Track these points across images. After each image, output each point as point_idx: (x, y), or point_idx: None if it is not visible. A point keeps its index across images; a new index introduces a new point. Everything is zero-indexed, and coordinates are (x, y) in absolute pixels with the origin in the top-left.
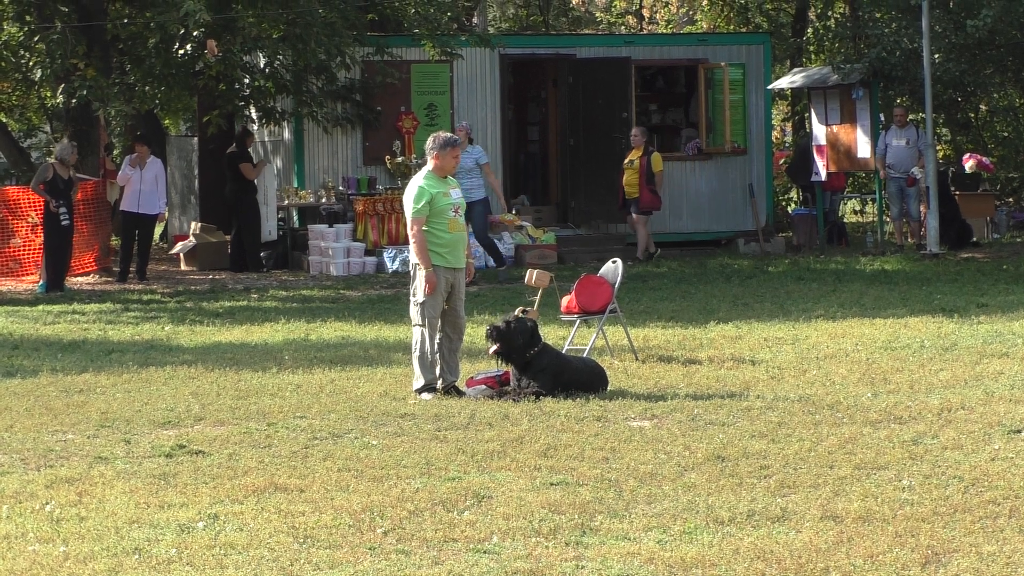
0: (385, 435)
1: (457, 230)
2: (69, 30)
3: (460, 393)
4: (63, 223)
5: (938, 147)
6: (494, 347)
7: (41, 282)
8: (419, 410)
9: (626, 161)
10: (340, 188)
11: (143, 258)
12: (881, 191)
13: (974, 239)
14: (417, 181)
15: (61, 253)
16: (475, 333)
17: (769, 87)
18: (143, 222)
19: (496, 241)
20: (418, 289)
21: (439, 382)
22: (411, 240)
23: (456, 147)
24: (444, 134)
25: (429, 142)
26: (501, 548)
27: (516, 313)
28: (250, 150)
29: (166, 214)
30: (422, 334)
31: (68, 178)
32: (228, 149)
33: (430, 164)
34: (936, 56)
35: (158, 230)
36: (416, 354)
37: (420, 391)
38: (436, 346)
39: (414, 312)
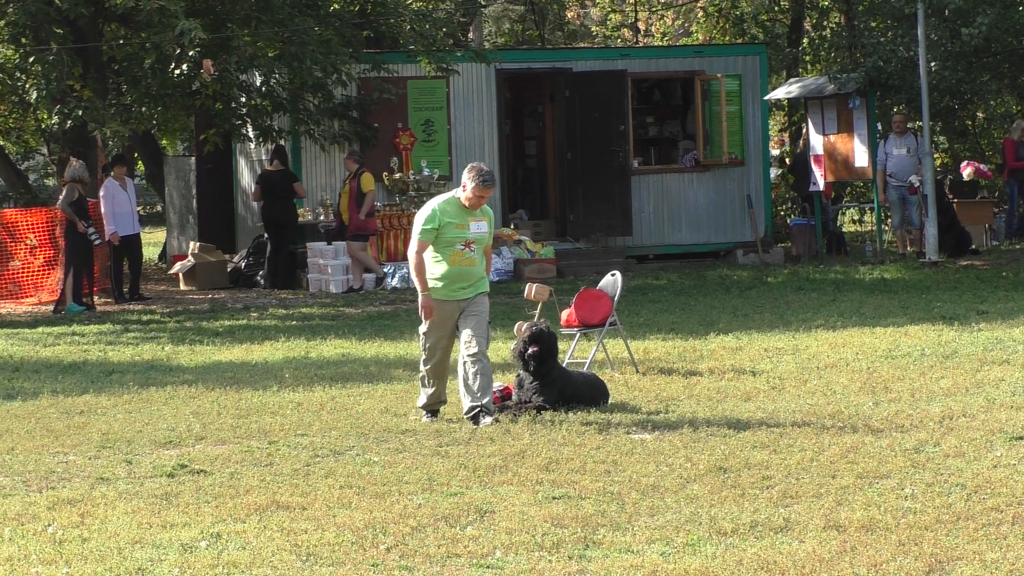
0: (387, 451)
1: (461, 264)
2: (65, 52)
3: (483, 416)
4: (95, 242)
5: (936, 155)
6: (533, 348)
7: (70, 304)
8: (420, 426)
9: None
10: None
11: (136, 277)
12: (879, 200)
13: (973, 246)
14: (433, 203)
15: (88, 271)
16: None
17: (766, 98)
18: (132, 242)
19: (494, 255)
20: (422, 314)
21: (439, 405)
22: (409, 260)
23: (487, 188)
24: (481, 168)
25: (466, 170)
26: (504, 563)
27: (525, 327)
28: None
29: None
30: (423, 362)
31: (86, 197)
32: (273, 168)
33: (459, 190)
34: (932, 64)
35: (153, 251)
36: (420, 375)
37: (421, 408)
38: (437, 373)
39: (420, 340)
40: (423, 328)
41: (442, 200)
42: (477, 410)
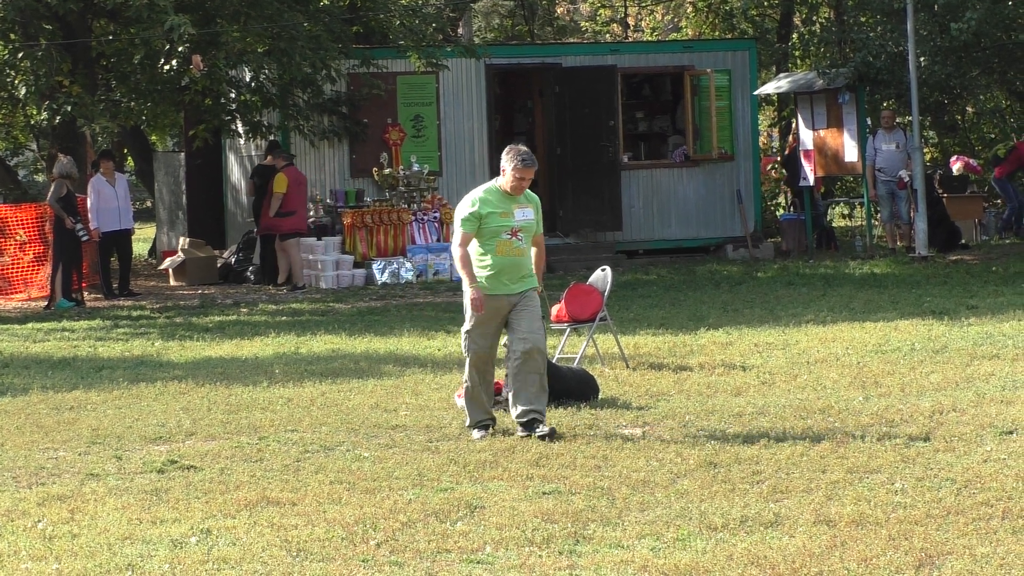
0: (377, 447)
1: (509, 254)
2: (53, 47)
3: (539, 425)
4: (83, 239)
5: (925, 150)
6: None
7: (60, 299)
8: (410, 421)
9: None
10: (328, 201)
11: (126, 273)
12: (869, 195)
13: (963, 241)
14: (473, 193)
15: (78, 267)
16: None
17: (755, 93)
18: (121, 238)
19: None
20: (466, 312)
21: (489, 420)
22: (453, 255)
23: (527, 168)
24: (520, 148)
25: (504, 153)
26: (494, 558)
27: None
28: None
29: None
30: (468, 368)
31: (74, 193)
32: (265, 162)
33: (500, 178)
34: (922, 59)
35: (143, 247)
36: (463, 387)
37: (469, 428)
38: (484, 380)
39: (462, 341)
40: (467, 326)
41: (483, 189)
42: (533, 416)
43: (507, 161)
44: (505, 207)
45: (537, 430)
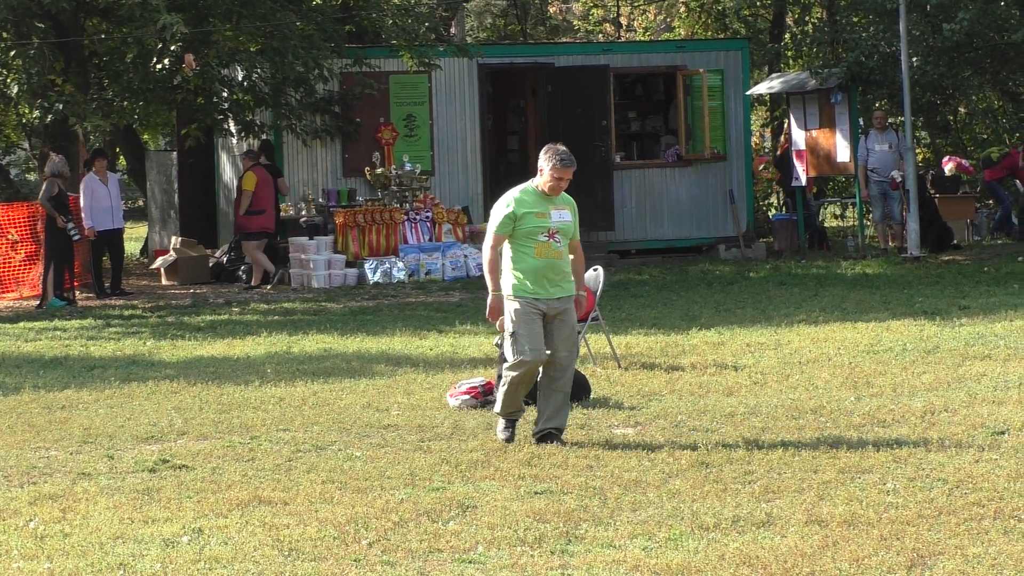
0: (369, 447)
1: (548, 256)
2: (46, 46)
3: (552, 439)
4: (74, 238)
5: (917, 150)
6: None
7: (52, 299)
8: (402, 421)
9: None
10: (320, 200)
11: (118, 272)
12: (861, 195)
13: (954, 242)
14: (509, 194)
15: (69, 267)
16: (456, 343)
17: (748, 93)
18: (113, 237)
19: (476, 250)
20: (507, 315)
21: (518, 415)
22: (483, 256)
23: (566, 168)
24: (558, 148)
25: (542, 152)
26: (486, 558)
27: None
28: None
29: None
30: (514, 370)
31: (66, 192)
32: (260, 162)
33: (537, 178)
34: (914, 59)
35: (134, 246)
36: (504, 383)
37: (499, 415)
38: (527, 384)
39: (506, 348)
40: (508, 332)
41: (519, 189)
42: (551, 431)
43: (545, 160)
44: (542, 208)
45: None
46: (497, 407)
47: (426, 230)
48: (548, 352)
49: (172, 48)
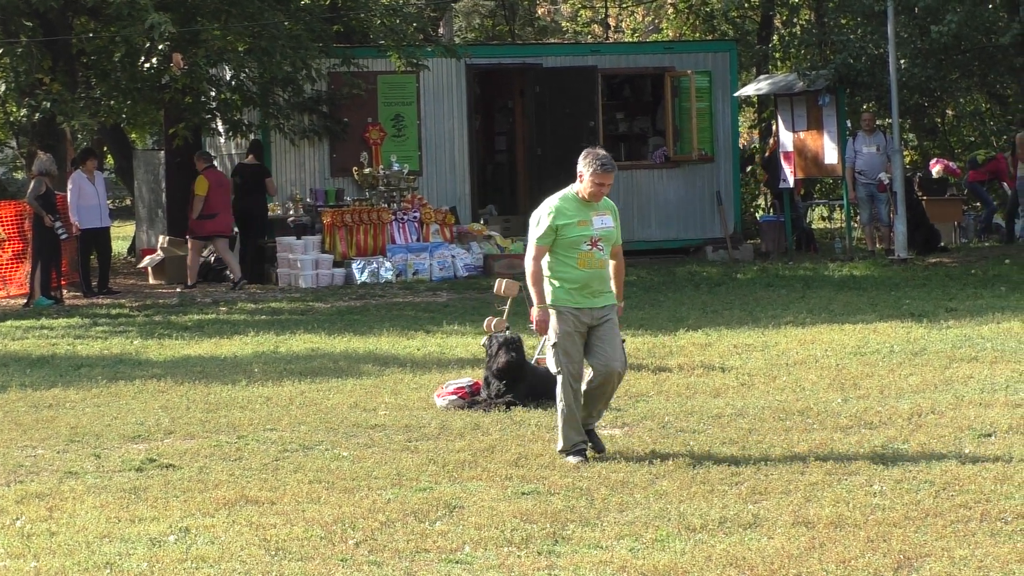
0: (356, 446)
1: (592, 266)
2: (34, 44)
3: (574, 456)
4: (62, 237)
5: (905, 153)
6: (505, 362)
7: (39, 297)
8: (389, 420)
9: None
10: (308, 200)
11: (105, 271)
12: (849, 197)
13: (942, 244)
14: (548, 202)
15: (57, 265)
16: (444, 344)
17: (736, 94)
18: (101, 236)
19: (463, 251)
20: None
21: (584, 444)
22: (526, 268)
23: (607, 173)
24: (599, 152)
25: (581, 157)
26: (473, 558)
27: (492, 326)
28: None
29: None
30: (562, 386)
31: (54, 190)
32: (246, 161)
33: (576, 184)
34: (902, 62)
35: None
36: (558, 407)
37: (562, 453)
38: (578, 398)
39: (549, 357)
40: (553, 339)
41: (558, 197)
42: (577, 446)
43: (585, 166)
44: (583, 215)
45: (572, 459)
46: (560, 444)
47: (414, 230)
48: (590, 367)
49: (160, 47)
